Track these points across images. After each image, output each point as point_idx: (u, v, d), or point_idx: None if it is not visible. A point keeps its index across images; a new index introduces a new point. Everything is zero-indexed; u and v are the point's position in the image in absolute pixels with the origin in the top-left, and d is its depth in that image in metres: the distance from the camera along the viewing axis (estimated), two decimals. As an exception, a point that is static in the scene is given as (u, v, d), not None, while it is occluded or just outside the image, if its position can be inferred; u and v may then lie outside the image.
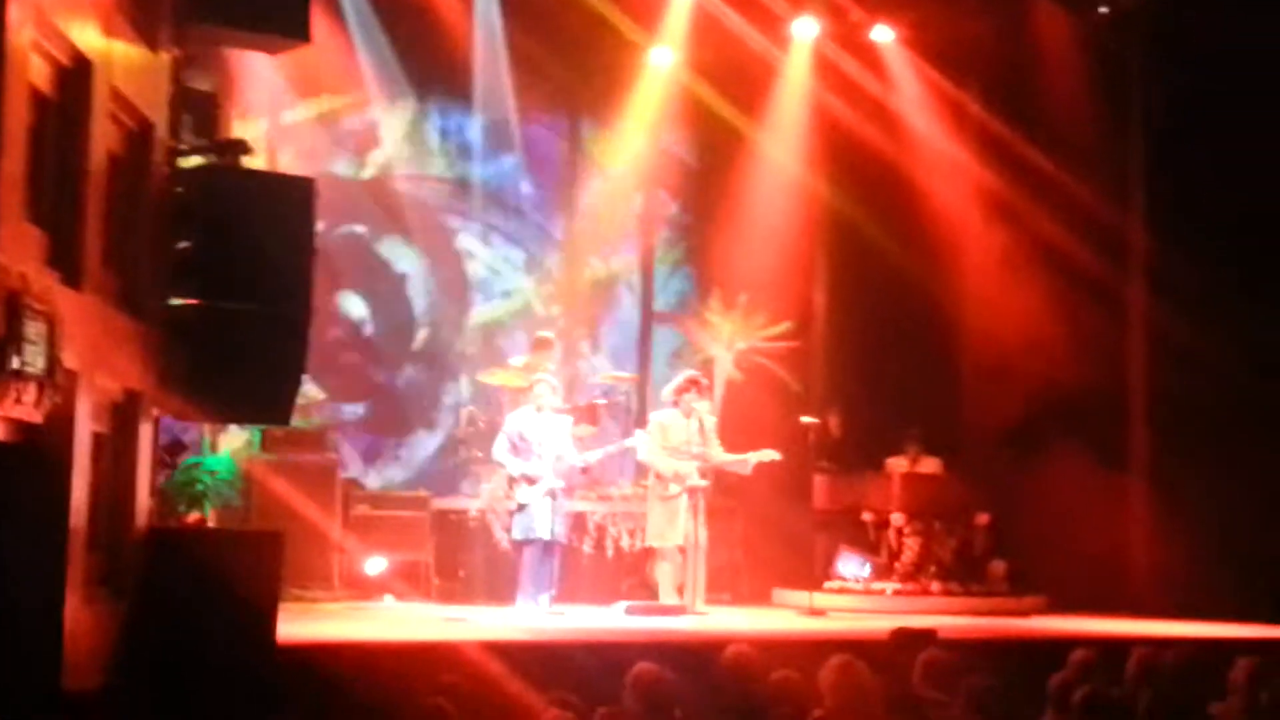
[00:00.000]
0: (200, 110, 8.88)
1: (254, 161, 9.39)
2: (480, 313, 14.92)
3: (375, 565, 12.26)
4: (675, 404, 11.64)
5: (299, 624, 8.98)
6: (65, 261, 6.63)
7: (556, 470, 11.17)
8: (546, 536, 11.05)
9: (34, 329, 5.80)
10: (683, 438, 11.48)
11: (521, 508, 11.09)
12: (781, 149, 14.65)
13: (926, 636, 8.46)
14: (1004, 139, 13.92)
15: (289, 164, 13.27)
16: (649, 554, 11.95)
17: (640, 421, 12.55)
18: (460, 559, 12.59)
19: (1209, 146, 12.73)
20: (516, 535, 11.24)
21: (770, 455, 11.60)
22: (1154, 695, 6.25)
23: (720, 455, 11.64)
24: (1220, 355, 12.65)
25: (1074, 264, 13.41)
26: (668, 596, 11.38)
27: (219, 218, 8.00)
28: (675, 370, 12.98)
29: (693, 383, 11.72)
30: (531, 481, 11.06)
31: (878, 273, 14.10)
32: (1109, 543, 13.08)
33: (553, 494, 11.11)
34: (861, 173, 14.18)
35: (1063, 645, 8.14)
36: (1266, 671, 6.91)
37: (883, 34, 14.48)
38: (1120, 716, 6.19)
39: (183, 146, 8.49)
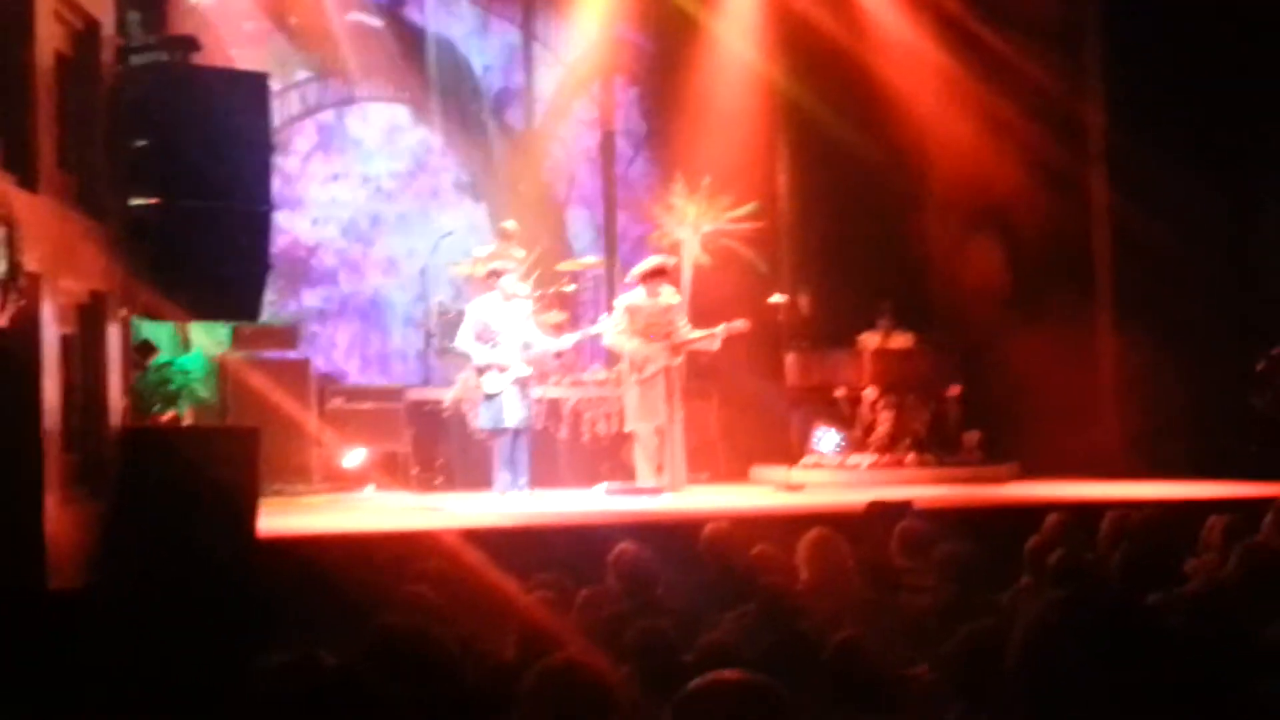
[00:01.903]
0: (147, 7, 8.75)
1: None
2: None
3: (354, 457, 12.28)
4: (641, 287, 11.64)
5: (279, 518, 9.02)
6: (20, 164, 6.54)
7: (524, 358, 11.17)
8: (514, 424, 11.08)
9: (-7, 232, 5.75)
10: (649, 320, 11.50)
11: (489, 397, 11.12)
12: (737, 37, 14.46)
13: (902, 507, 8.53)
14: (962, 23, 13.77)
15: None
16: (626, 438, 12.01)
17: (608, 307, 12.55)
18: (438, 449, 12.65)
19: (1164, 27, 12.73)
20: (485, 424, 11.28)
21: (738, 325, 11.63)
22: (1128, 556, 6.31)
23: (688, 333, 11.66)
24: (1182, 223, 12.72)
25: (1034, 143, 13.38)
26: (646, 478, 11.45)
27: (172, 116, 7.92)
28: (641, 256, 12.94)
29: (659, 269, 11.73)
30: (500, 370, 11.07)
31: (840, 152, 14.00)
32: (1080, 408, 13.19)
33: (521, 382, 11.13)
34: (819, 60, 13.99)
35: (1037, 510, 8.21)
36: (1239, 528, 7.00)
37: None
38: (1095, 578, 6.25)
39: (132, 45, 8.37)
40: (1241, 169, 12.92)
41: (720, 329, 11.65)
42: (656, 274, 11.67)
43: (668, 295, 11.64)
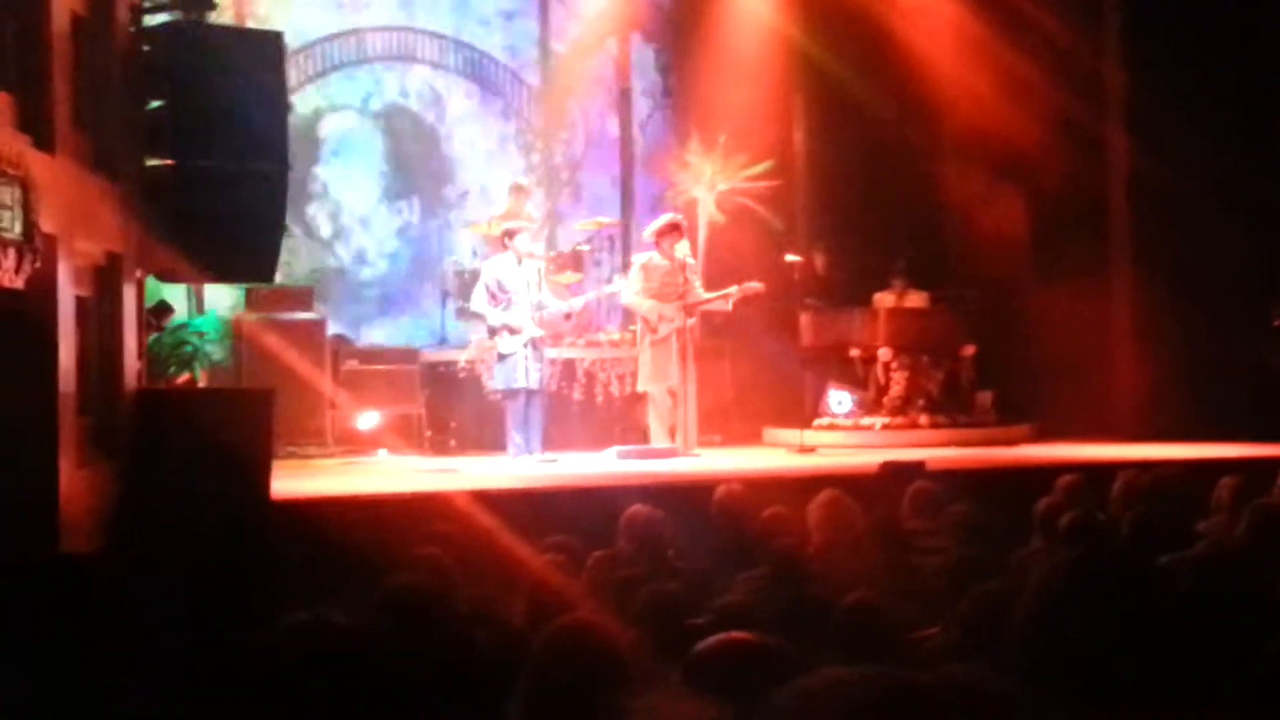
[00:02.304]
0: (162, -32, 8.73)
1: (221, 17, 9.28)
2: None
3: (367, 420, 12.31)
4: (656, 246, 11.63)
5: (293, 480, 9.05)
6: (35, 125, 6.54)
7: (537, 319, 11.17)
8: (529, 386, 11.08)
9: (8, 193, 5.76)
10: (665, 279, 11.49)
11: (503, 358, 11.12)
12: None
13: (916, 468, 8.55)
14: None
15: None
16: (640, 399, 12.01)
17: (623, 266, 12.54)
18: (451, 411, 12.65)
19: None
20: (498, 385, 11.29)
21: (752, 286, 11.62)
22: (1139, 517, 6.31)
23: (702, 294, 11.66)
24: (1199, 181, 12.65)
25: (1051, 99, 13.29)
26: (659, 440, 11.46)
27: (188, 76, 7.93)
28: (656, 214, 12.93)
29: (673, 225, 11.70)
30: (513, 331, 11.06)
31: (857, 110, 13.95)
32: (1095, 369, 13.17)
33: (534, 343, 11.13)
34: (836, 13, 13.90)
35: (1049, 471, 8.23)
36: (1249, 489, 7.01)
37: None
38: (1106, 539, 6.26)
39: (147, 4, 8.37)
40: (1261, 126, 12.84)
41: (734, 290, 11.64)
42: (671, 230, 11.64)
43: (683, 252, 11.62)
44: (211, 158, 8.03)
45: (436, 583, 4.58)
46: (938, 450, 11.20)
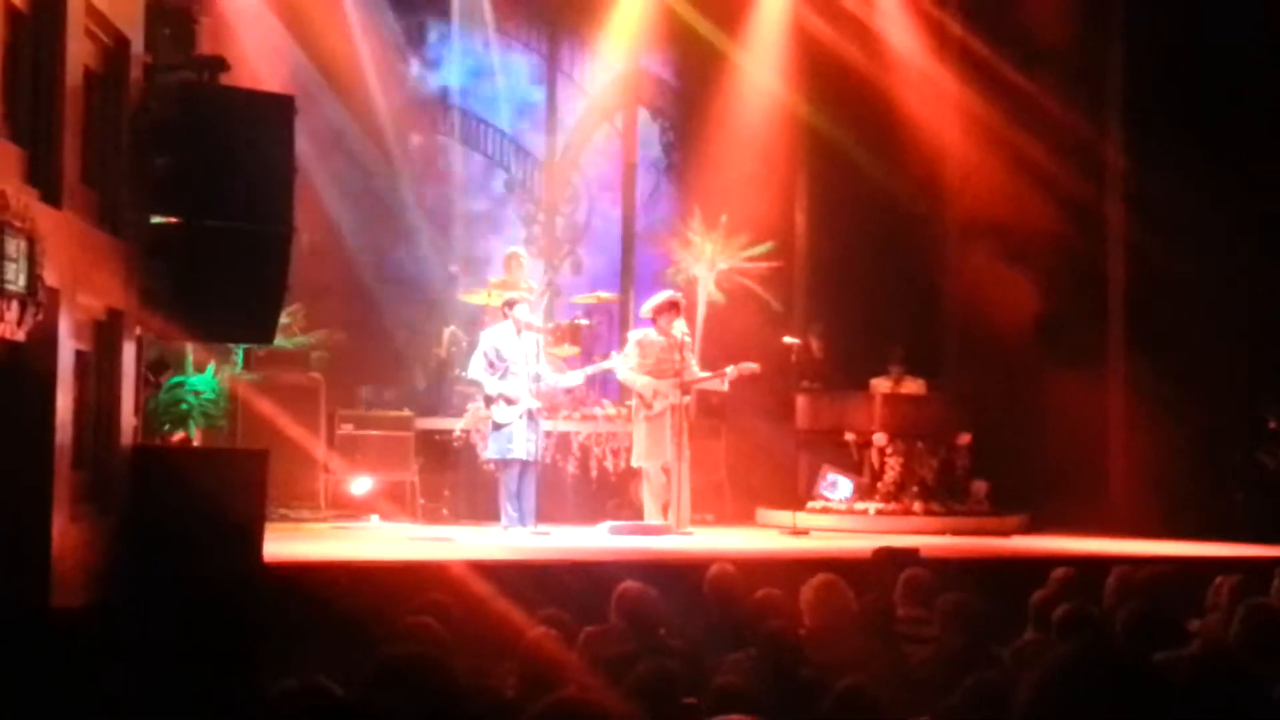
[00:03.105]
0: (176, 26, 8.79)
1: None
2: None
3: (361, 485, 12.26)
4: (653, 322, 11.63)
5: (285, 543, 9.01)
6: (44, 179, 6.56)
7: (534, 390, 11.15)
8: (523, 457, 11.05)
9: (14, 246, 5.76)
10: (660, 356, 11.49)
11: (498, 427, 11.09)
12: (762, 68, 14.55)
13: (909, 555, 8.52)
14: (985, 58, 13.84)
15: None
16: (634, 474, 11.98)
17: (620, 342, 12.55)
18: (445, 479, 12.61)
19: (1187, 63, 12.77)
20: (493, 455, 11.26)
21: (748, 367, 11.63)
22: (1133, 613, 6.29)
23: (698, 372, 11.66)
24: (1198, 273, 12.71)
25: (1053, 183, 13.40)
26: (652, 516, 11.42)
27: (198, 135, 7.95)
28: (657, 290, 12.94)
29: (672, 304, 11.71)
30: (510, 401, 11.04)
31: (859, 193, 14.06)
32: (1090, 462, 13.16)
33: (530, 414, 11.10)
34: (843, 92, 14.09)
35: (1043, 563, 8.21)
36: (1245, 589, 6.98)
37: (864, -49, 14.36)
38: (1100, 634, 6.23)
39: (160, 63, 8.41)
40: (1262, 208, 12.89)
41: (730, 370, 11.65)
42: (670, 308, 11.66)
43: (680, 330, 11.64)
44: (217, 218, 8.05)
45: (431, 652, 4.55)
46: (931, 538, 11.17)
